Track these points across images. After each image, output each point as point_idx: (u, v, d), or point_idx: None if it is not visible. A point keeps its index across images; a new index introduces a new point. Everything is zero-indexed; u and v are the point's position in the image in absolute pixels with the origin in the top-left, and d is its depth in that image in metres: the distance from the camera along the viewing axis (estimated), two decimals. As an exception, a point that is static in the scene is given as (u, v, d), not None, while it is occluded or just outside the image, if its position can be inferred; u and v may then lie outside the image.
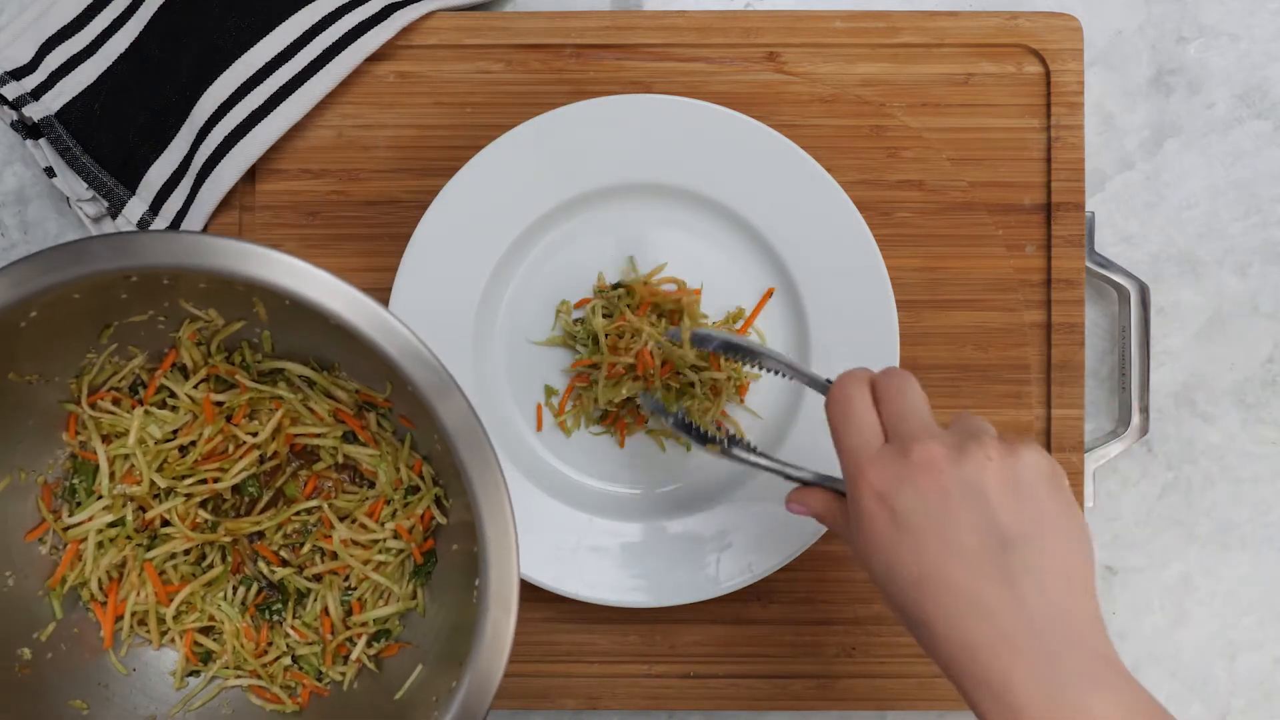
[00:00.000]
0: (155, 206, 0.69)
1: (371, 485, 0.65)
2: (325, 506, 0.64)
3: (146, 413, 0.62)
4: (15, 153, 0.72)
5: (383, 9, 0.69)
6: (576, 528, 0.68)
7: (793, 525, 0.67)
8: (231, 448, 0.63)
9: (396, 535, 0.63)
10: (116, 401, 0.62)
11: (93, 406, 0.62)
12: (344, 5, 0.69)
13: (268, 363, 0.63)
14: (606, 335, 0.67)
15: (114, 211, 0.69)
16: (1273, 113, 0.73)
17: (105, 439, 0.62)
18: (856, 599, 0.70)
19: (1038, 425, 0.70)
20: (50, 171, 0.69)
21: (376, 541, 0.63)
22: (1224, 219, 0.73)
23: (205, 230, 0.69)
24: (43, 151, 0.69)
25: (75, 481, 0.62)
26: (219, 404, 0.63)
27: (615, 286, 0.69)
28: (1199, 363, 0.73)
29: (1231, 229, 0.73)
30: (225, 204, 0.69)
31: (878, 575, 0.50)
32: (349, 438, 0.64)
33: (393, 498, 0.64)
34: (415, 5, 0.70)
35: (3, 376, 0.58)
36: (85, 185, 0.69)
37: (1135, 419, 0.70)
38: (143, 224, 0.69)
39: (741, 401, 0.69)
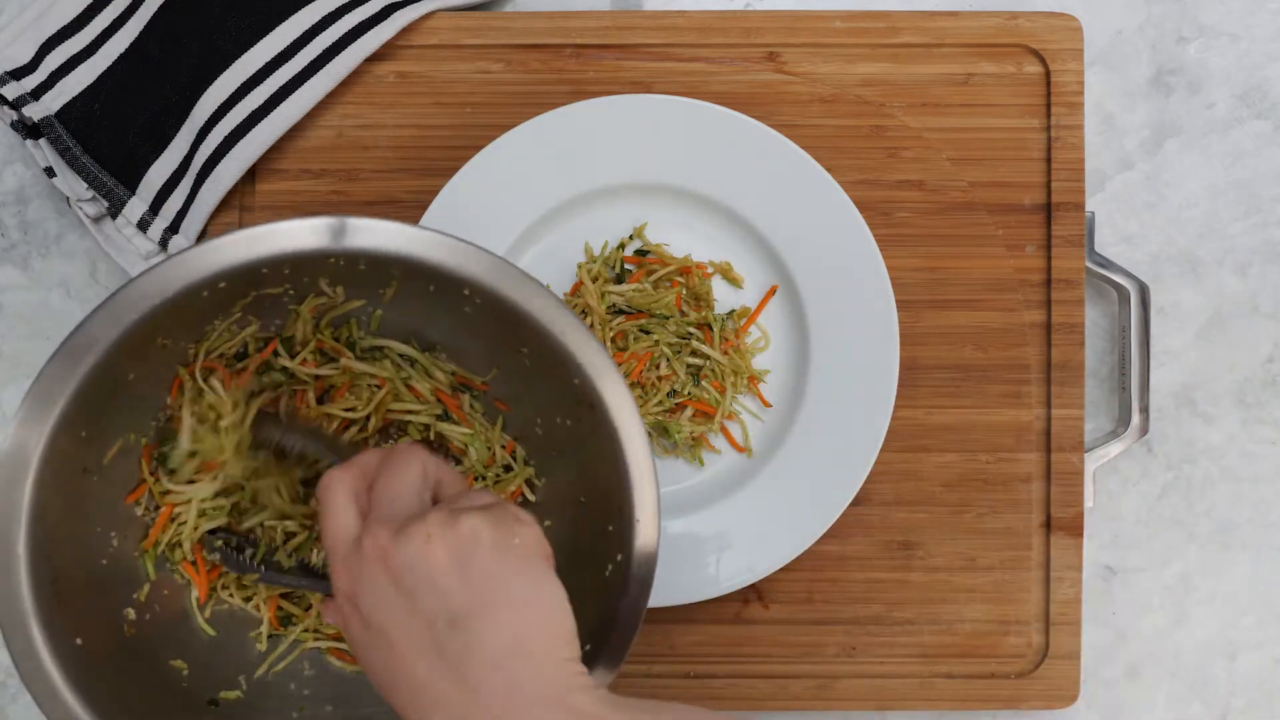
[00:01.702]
0: (155, 206, 0.69)
1: (459, 461, 0.66)
2: None
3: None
4: (15, 153, 0.72)
5: (383, 9, 0.69)
6: (576, 528, 0.68)
7: (793, 525, 0.67)
8: (325, 423, 0.64)
9: None
10: (211, 371, 0.63)
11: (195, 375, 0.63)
12: (344, 5, 0.69)
13: (370, 340, 0.64)
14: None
15: (114, 211, 0.69)
16: (1273, 113, 0.73)
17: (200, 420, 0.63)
18: (856, 599, 0.70)
19: (1038, 425, 0.70)
20: (50, 171, 0.69)
21: None
22: (1224, 219, 0.73)
23: (205, 229, 0.69)
24: (43, 151, 0.69)
25: (167, 448, 0.63)
26: (320, 377, 0.64)
27: (638, 253, 0.69)
28: (1199, 363, 0.73)
29: (1231, 229, 0.73)
30: (225, 204, 0.69)
31: (369, 678, 0.48)
32: (440, 416, 0.65)
33: (484, 475, 0.65)
34: (415, 5, 0.70)
35: (154, 340, 0.58)
36: (85, 185, 0.69)
37: (1135, 419, 0.70)
38: (143, 224, 0.69)
39: (757, 391, 0.69)
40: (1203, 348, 0.73)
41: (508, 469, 0.65)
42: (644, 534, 0.56)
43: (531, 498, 0.65)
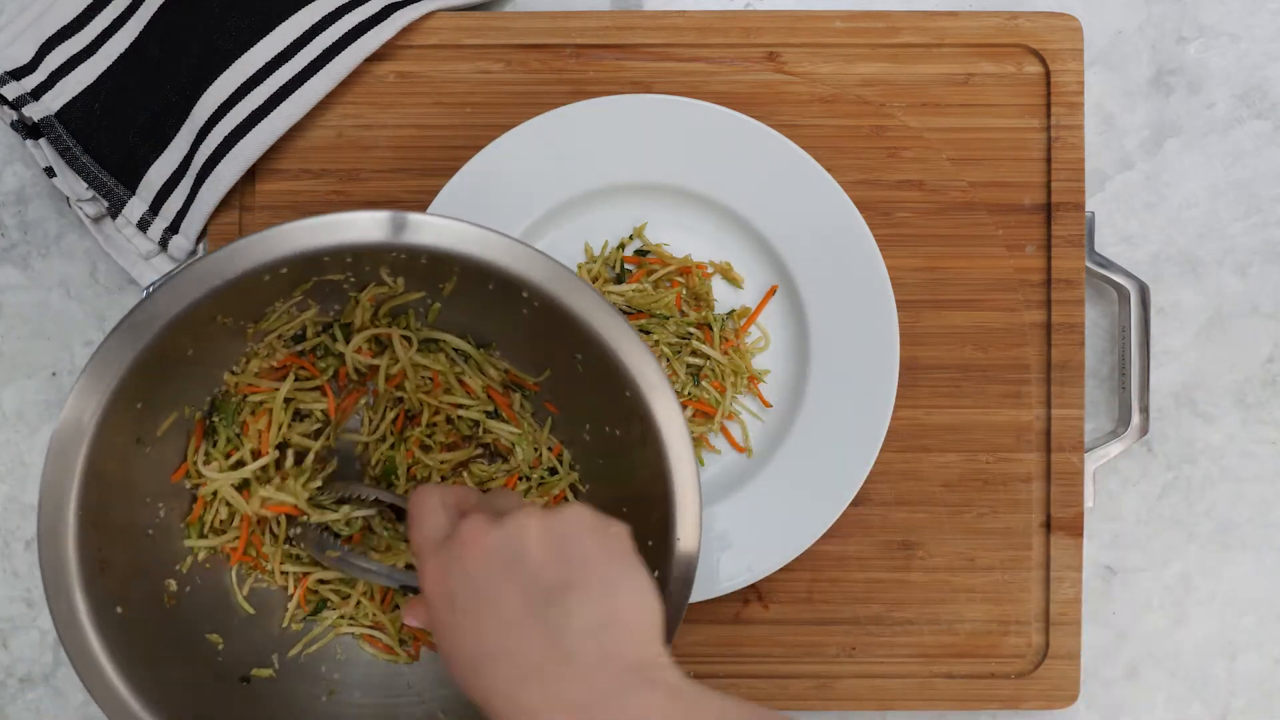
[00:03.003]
0: (155, 206, 0.69)
1: (505, 460, 0.66)
2: (465, 475, 0.65)
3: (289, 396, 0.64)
4: (15, 153, 0.72)
5: (383, 9, 0.69)
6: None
7: (793, 525, 0.67)
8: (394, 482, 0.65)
9: None
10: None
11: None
12: (344, 5, 0.69)
13: (425, 332, 0.65)
14: None
15: (114, 212, 0.69)
16: (1273, 113, 0.73)
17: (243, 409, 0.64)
18: (856, 599, 0.70)
19: (1038, 425, 0.70)
20: (50, 171, 0.69)
21: None
22: (1224, 219, 0.73)
23: (205, 229, 0.69)
24: (43, 151, 0.69)
25: (216, 419, 0.63)
26: (375, 367, 0.64)
27: (638, 253, 0.69)
28: (1199, 363, 0.73)
29: (1231, 229, 0.73)
30: (225, 204, 0.69)
31: (451, 669, 0.49)
32: (490, 414, 0.66)
33: (529, 475, 0.65)
34: (415, 5, 0.70)
35: (214, 318, 0.58)
36: (85, 185, 0.69)
37: (1135, 419, 0.70)
38: (143, 224, 0.69)
39: (757, 392, 0.69)
40: (1203, 348, 0.73)
41: (553, 472, 0.65)
42: (683, 554, 0.57)
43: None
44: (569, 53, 0.70)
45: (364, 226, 0.55)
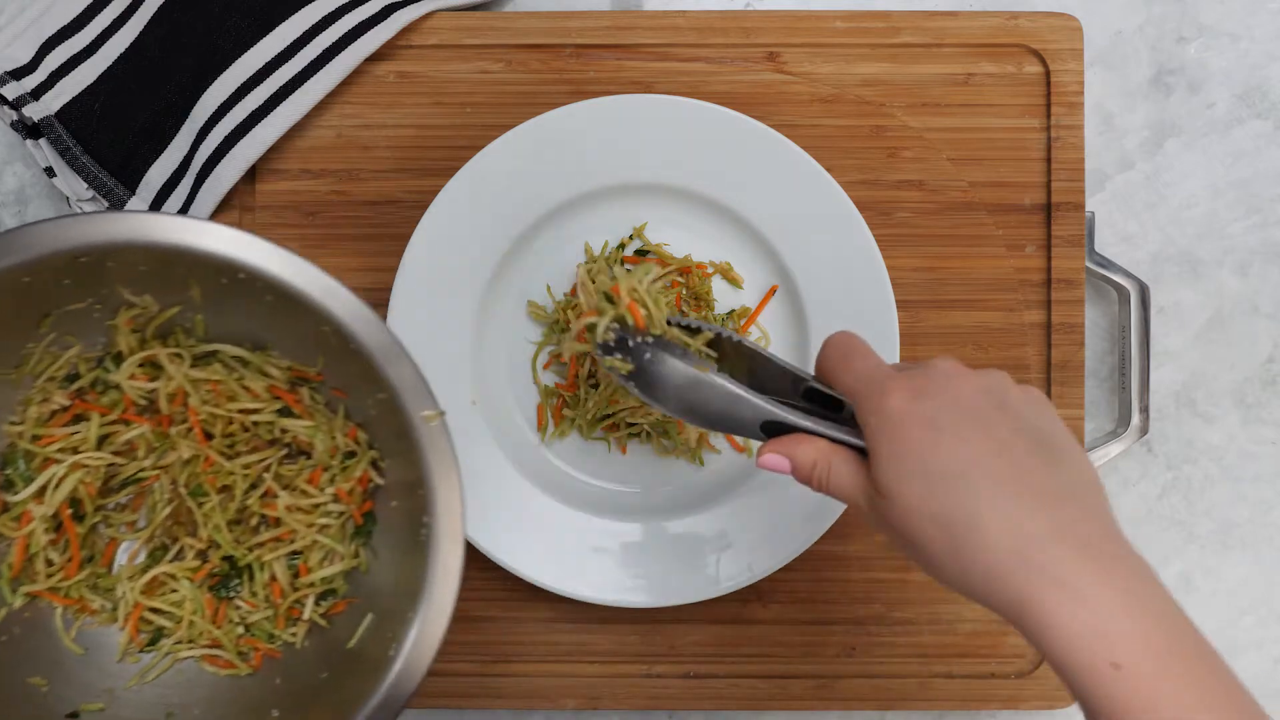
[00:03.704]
0: (155, 207, 0.69)
1: (309, 456, 0.66)
2: (268, 477, 0.65)
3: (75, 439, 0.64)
4: (15, 153, 0.72)
5: (383, 9, 0.69)
6: (576, 527, 0.68)
7: (793, 525, 0.67)
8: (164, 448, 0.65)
9: (337, 499, 0.65)
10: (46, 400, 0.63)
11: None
12: (344, 5, 0.69)
13: (200, 346, 0.64)
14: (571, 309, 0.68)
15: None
16: (1273, 113, 0.73)
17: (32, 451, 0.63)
18: (856, 599, 0.70)
19: (1038, 425, 0.70)
20: (50, 171, 0.69)
21: (319, 506, 0.65)
22: (1224, 219, 0.73)
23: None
24: (43, 151, 0.69)
25: (10, 471, 0.63)
26: (155, 390, 0.64)
27: (638, 253, 0.69)
28: (1199, 363, 0.73)
29: (1231, 229, 0.73)
30: (225, 204, 0.69)
31: (907, 482, 0.47)
32: (283, 413, 0.65)
33: (331, 464, 0.65)
34: (415, 5, 0.70)
35: None
36: (85, 185, 0.69)
37: (1135, 419, 0.70)
38: (142, 224, 0.69)
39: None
40: (1203, 348, 0.73)
41: (352, 455, 0.65)
42: (445, 521, 0.56)
43: (380, 481, 0.65)
44: (569, 53, 0.70)
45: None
